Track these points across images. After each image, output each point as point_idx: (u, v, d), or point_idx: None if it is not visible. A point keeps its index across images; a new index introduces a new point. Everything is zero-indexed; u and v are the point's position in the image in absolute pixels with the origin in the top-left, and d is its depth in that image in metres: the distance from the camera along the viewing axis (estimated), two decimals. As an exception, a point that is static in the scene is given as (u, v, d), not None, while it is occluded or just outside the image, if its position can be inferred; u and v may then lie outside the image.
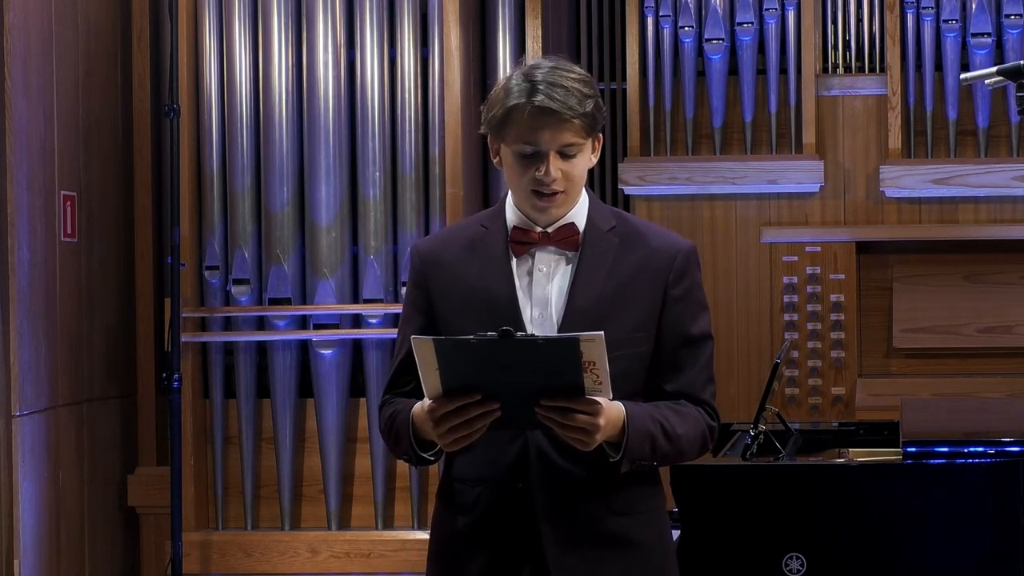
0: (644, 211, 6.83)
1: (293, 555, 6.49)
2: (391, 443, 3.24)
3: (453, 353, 2.95)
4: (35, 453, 5.98)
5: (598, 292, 3.16)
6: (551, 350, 2.93)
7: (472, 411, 2.99)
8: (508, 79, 3.14)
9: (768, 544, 4.20)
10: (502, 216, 3.23)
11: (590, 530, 3.15)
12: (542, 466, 3.14)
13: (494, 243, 3.20)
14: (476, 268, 3.19)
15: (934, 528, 4.18)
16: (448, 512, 3.24)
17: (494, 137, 3.17)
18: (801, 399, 6.74)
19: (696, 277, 3.23)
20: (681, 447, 3.17)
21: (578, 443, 3.02)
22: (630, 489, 3.17)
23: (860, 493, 4.21)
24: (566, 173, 3.12)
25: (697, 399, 3.21)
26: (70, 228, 6.28)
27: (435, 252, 3.25)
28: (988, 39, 6.65)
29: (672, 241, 3.24)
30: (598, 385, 2.97)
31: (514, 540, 3.15)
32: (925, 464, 4.26)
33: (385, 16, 6.51)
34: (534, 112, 3.08)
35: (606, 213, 3.24)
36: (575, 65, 3.18)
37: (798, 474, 4.28)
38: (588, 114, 3.11)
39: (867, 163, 6.82)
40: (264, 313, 6.50)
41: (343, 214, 6.49)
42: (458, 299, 3.19)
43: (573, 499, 3.14)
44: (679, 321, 3.20)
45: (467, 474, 3.20)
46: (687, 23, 6.78)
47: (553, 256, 3.19)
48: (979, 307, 6.68)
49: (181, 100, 6.34)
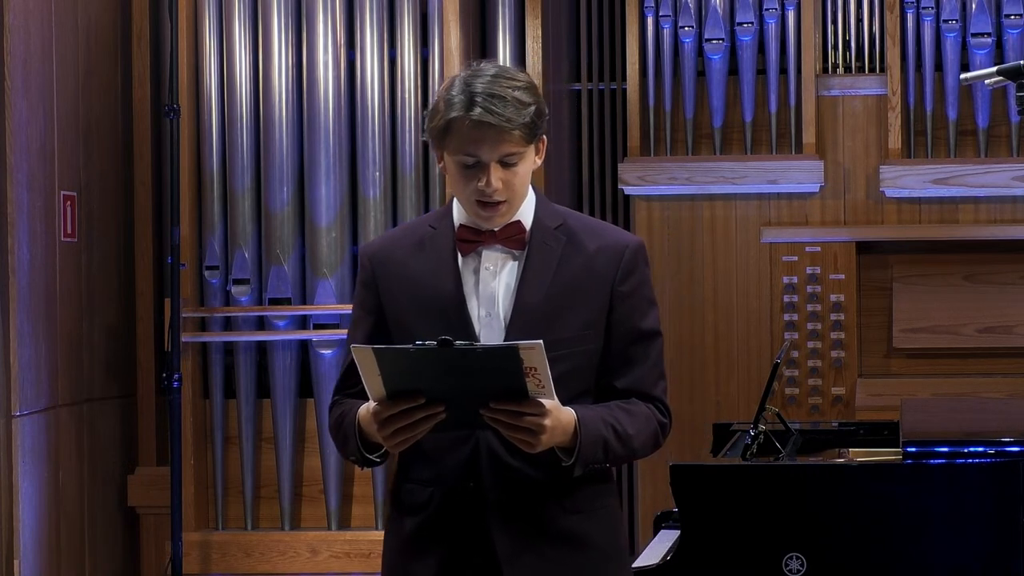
0: (644, 211, 6.83)
1: (293, 555, 6.49)
2: (339, 444, 3.25)
3: (393, 361, 2.96)
4: (35, 453, 5.98)
5: (546, 290, 3.17)
6: (490, 359, 2.94)
7: (416, 414, 3.00)
8: (449, 88, 3.14)
9: (768, 544, 4.20)
10: (450, 216, 3.24)
11: (542, 528, 3.16)
12: (493, 465, 3.15)
13: (442, 242, 3.21)
14: (425, 267, 3.20)
15: (934, 528, 4.18)
16: (400, 514, 3.25)
17: (436, 145, 3.17)
18: (801, 399, 6.75)
19: (645, 273, 3.24)
20: (634, 447, 3.18)
21: (524, 445, 3.03)
22: (582, 487, 3.18)
23: (860, 493, 4.21)
24: (507, 182, 3.13)
25: (648, 396, 3.22)
26: (70, 228, 6.28)
27: (384, 252, 3.25)
28: (988, 39, 6.65)
29: (619, 238, 3.25)
30: (540, 389, 2.98)
31: (466, 539, 3.16)
32: (925, 464, 4.26)
33: (385, 16, 6.51)
34: (473, 125, 3.09)
35: (553, 211, 3.25)
36: (519, 72, 3.18)
37: (798, 474, 4.29)
38: (528, 124, 3.11)
39: (867, 163, 6.82)
40: (264, 313, 6.50)
41: (343, 214, 6.49)
42: (407, 298, 3.20)
43: (524, 498, 3.15)
44: (628, 318, 3.21)
45: (419, 475, 3.21)
46: (687, 23, 6.78)
47: (500, 254, 3.20)
48: (979, 307, 6.68)
49: (181, 100, 6.34)
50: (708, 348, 6.79)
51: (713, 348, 6.80)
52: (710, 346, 6.79)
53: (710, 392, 6.78)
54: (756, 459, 4.46)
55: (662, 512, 5.04)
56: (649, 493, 6.71)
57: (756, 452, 4.52)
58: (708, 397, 6.76)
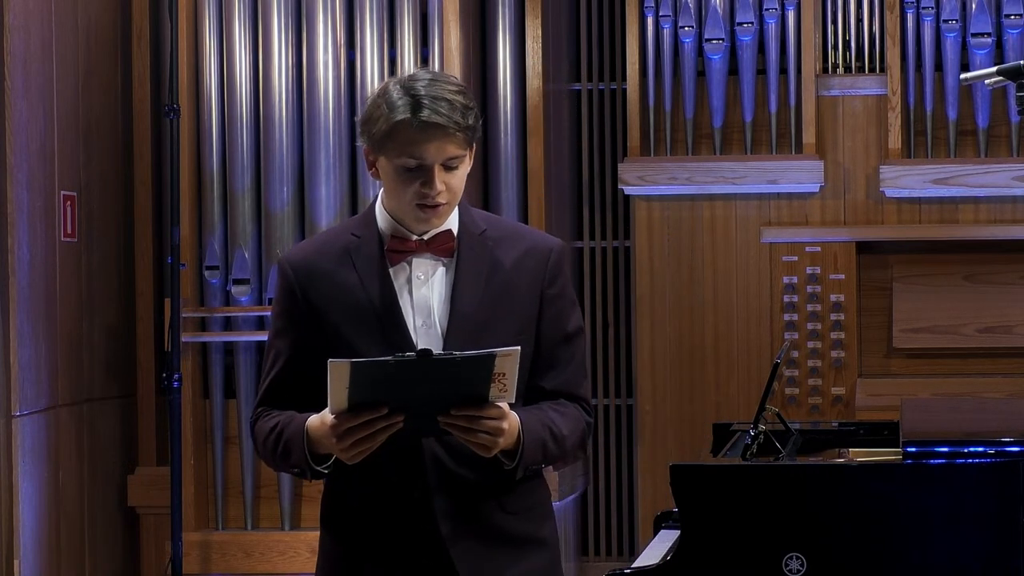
0: (644, 211, 6.83)
1: (293, 555, 6.49)
2: (275, 457, 3.21)
3: (368, 375, 2.94)
4: (35, 453, 5.98)
5: (479, 297, 3.18)
6: (468, 366, 2.95)
7: (376, 424, 3.00)
8: (386, 92, 3.13)
9: (768, 544, 4.20)
10: (374, 225, 3.22)
11: (489, 530, 3.19)
12: (438, 472, 3.15)
13: (369, 252, 3.19)
14: (354, 278, 3.18)
15: (934, 528, 4.18)
16: (343, 531, 3.26)
17: (373, 150, 3.16)
18: (801, 399, 6.75)
19: (567, 274, 3.29)
20: (567, 448, 3.22)
21: (481, 449, 3.05)
22: (517, 488, 3.21)
23: (860, 493, 4.21)
24: (449, 185, 3.14)
25: (574, 396, 3.26)
26: (70, 228, 6.28)
27: (309, 262, 3.22)
28: (988, 39, 6.65)
29: (544, 240, 3.27)
30: (503, 393, 3.00)
31: (417, 548, 3.17)
32: (925, 464, 4.26)
33: (385, 16, 6.51)
34: (420, 127, 3.08)
35: (476, 216, 3.26)
36: (451, 76, 3.20)
37: (798, 474, 4.28)
38: (470, 126, 3.13)
39: (867, 163, 6.82)
40: (264, 313, 6.50)
41: (343, 214, 6.48)
42: (341, 309, 3.17)
43: (469, 502, 3.17)
44: (557, 319, 3.24)
45: (359, 489, 3.21)
46: (687, 23, 6.78)
47: (430, 262, 3.19)
48: (979, 307, 6.68)
49: (181, 100, 6.34)
50: (708, 348, 6.79)
51: (713, 348, 6.80)
52: (710, 346, 6.79)
53: (710, 392, 6.78)
54: (756, 459, 4.46)
55: (662, 512, 5.04)
56: (649, 493, 6.70)
57: (756, 452, 4.52)
58: (708, 397, 6.76)
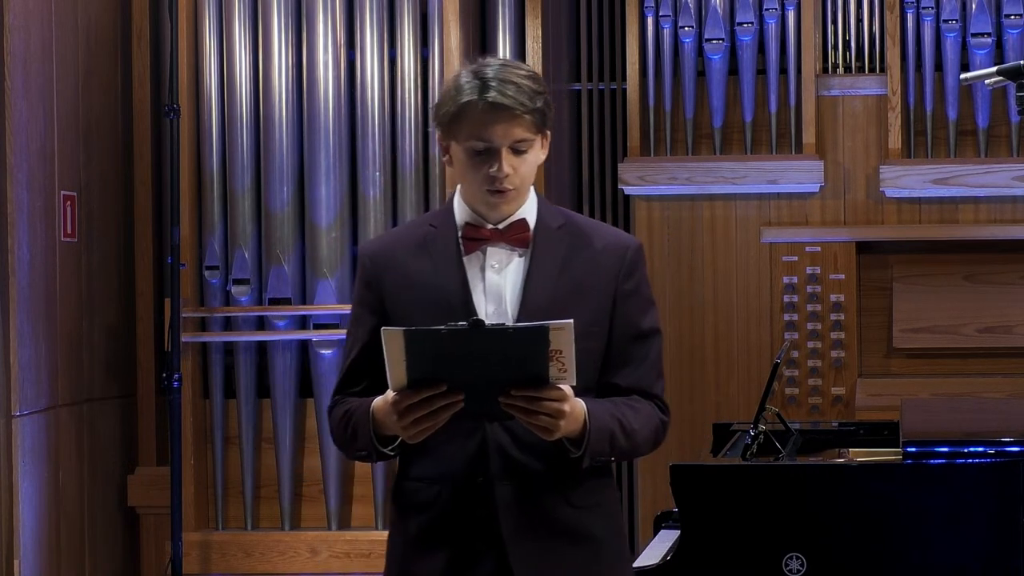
0: (644, 211, 6.83)
1: (293, 555, 6.49)
2: (345, 441, 3.24)
3: (422, 344, 2.96)
4: (35, 453, 5.98)
5: (552, 288, 3.19)
6: (521, 339, 2.95)
7: (436, 402, 3.01)
8: (457, 77, 3.18)
9: (768, 544, 4.20)
10: (451, 214, 3.26)
11: (550, 523, 3.18)
12: (501, 460, 3.16)
13: (445, 241, 3.23)
14: (428, 266, 3.22)
15: (934, 528, 4.19)
16: (406, 512, 3.25)
17: (444, 135, 3.20)
18: (801, 399, 6.75)
19: (644, 273, 3.29)
20: (637, 442, 3.22)
21: (542, 431, 3.05)
22: (585, 482, 3.21)
23: (860, 493, 4.21)
24: (517, 169, 3.16)
25: (649, 394, 3.26)
26: (70, 228, 6.28)
27: (386, 252, 3.27)
28: (988, 39, 6.65)
29: (621, 238, 3.29)
30: (563, 373, 2.99)
31: (474, 534, 3.17)
32: (925, 464, 4.26)
33: (385, 16, 6.51)
34: (486, 108, 3.12)
35: (554, 211, 3.28)
36: (523, 64, 3.23)
37: (798, 474, 4.29)
38: (539, 110, 3.15)
39: (867, 163, 6.82)
40: (264, 313, 6.50)
41: (343, 214, 6.49)
42: (412, 298, 3.20)
43: (532, 492, 3.17)
44: (631, 317, 3.24)
45: (424, 473, 3.22)
46: (687, 23, 6.78)
47: (505, 252, 3.22)
48: (979, 307, 6.68)
49: (181, 100, 6.34)
50: (708, 348, 6.79)
51: (713, 348, 6.80)
52: (710, 346, 6.79)
53: (710, 392, 6.78)
54: (756, 459, 4.46)
55: (662, 512, 5.04)
56: (649, 493, 6.71)
57: (756, 452, 4.52)
58: (708, 397, 6.76)
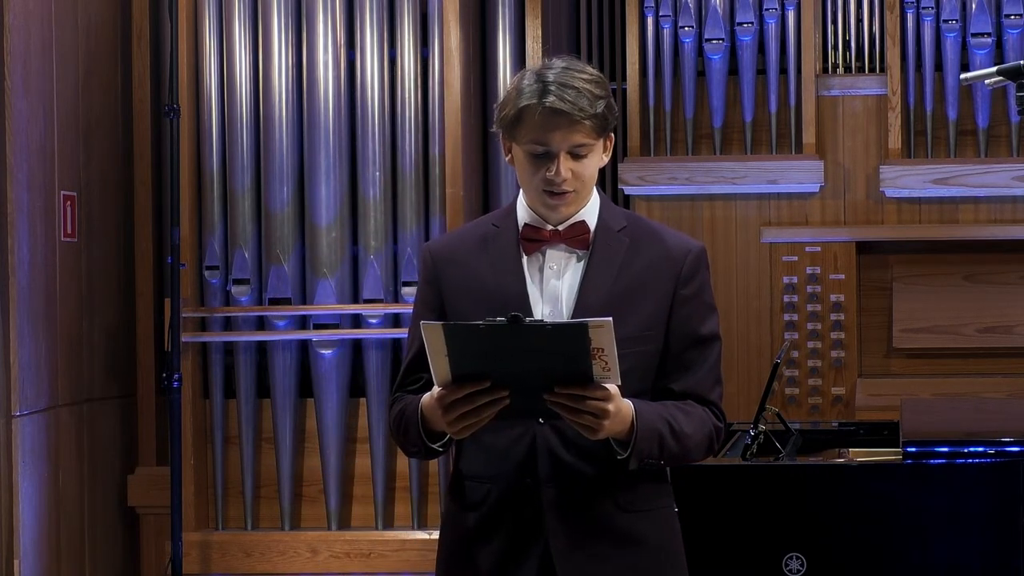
0: (644, 211, 6.83)
1: (293, 555, 6.49)
2: (400, 438, 3.26)
3: (462, 339, 2.97)
4: (35, 453, 5.98)
5: (608, 290, 3.18)
6: (560, 335, 2.95)
7: (481, 398, 3.01)
8: (520, 78, 3.18)
9: (768, 544, 4.20)
10: (514, 215, 3.26)
11: (597, 526, 3.17)
12: (550, 462, 3.16)
13: (505, 241, 3.23)
14: (487, 265, 3.22)
15: (934, 528, 4.18)
16: (458, 509, 3.26)
17: (506, 136, 3.20)
18: (801, 399, 6.74)
19: (705, 278, 3.26)
20: (688, 447, 3.19)
21: (587, 431, 3.04)
22: (638, 487, 3.19)
23: (860, 493, 4.21)
24: (576, 173, 3.15)
25: (704, 399, 3.23)
26: (70, 228, 6.28)
27: (448, 250, 3.28)
28: (988, 39, 6.65)
29: (683, 242, 3.27)
30: (607, 372, 2.99)
31: (522, 535, 3.17)
32: (925, 464, 4.26)
33: (385, 16, 6.51)
34: (545, 113, 3.11)
35: (617, 213, 3.27)
36: (587, 65, 3.21)
37: (798, 474, 4.29)
38: (599, 115, 3.14)
39: (867, 163, 6.82)
40: (264, 313, 6.50)
41: (343, 214, 6.48)
42: (470, 296, 3.21)
43: (581, 495, 3.16)
44: (688, 321, 3.22)
45: (476, 471, 3.23)
46: (687, 23, 6.78)
47: (564, 254, 3.22)
48: (979, 307, 6.68)
49: (181, 100, 6.34)
50: (708, 348, 6.78)
51: (713, 348, 6.79)
52: (710, 346, 6.78)
53: (710, 392, 6.77)
54: (756, 459, 4.46)
55: (662, 512, 5.03)
56: (649, 493, 6.70)
57: (756, 452, 4.52)
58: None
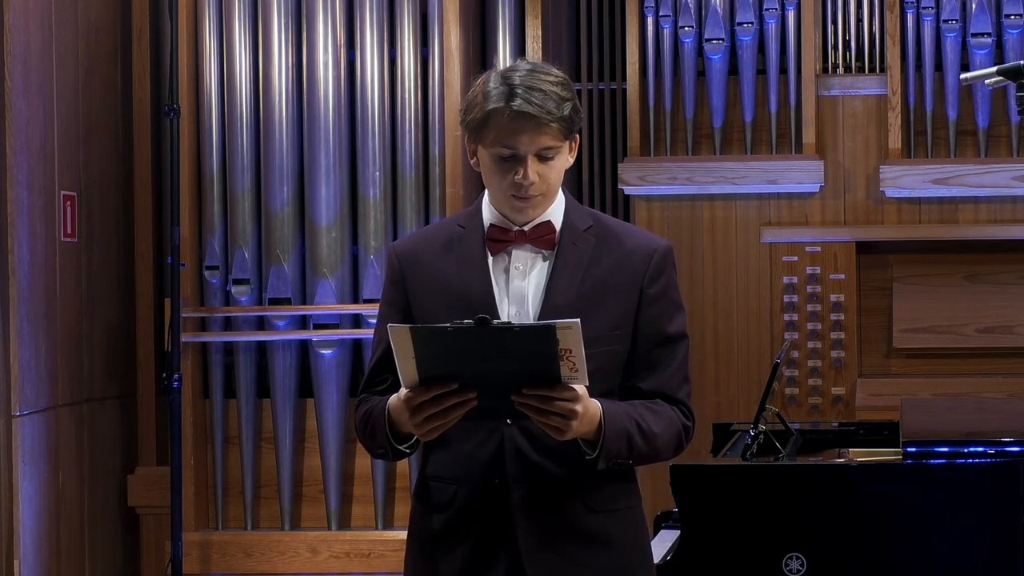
0: (644, 211, 6.83)
1: (293, 555, 6.49)
2: (367, 439, 3.25)
3: (429, 341, 2.97)
4: (35, 453, 5.98)
5: (575, 290, 3.18)
6: (527, 337, 2.94)
7: (448, 400, 3.01)
8: (485, 82, 3.17)
9: (768, 544, 4.20)
10: (479, 216, 3.25)
11: (565, 526, 3.17)
12: (518, 462, 3.16)
13: (471, 241, 3.23)
14: (453, 266, 3.22)
15: (934, 528, 4.18)
16: (425, 511, 3.27)
17: (471, 139, 3.20)
18: (801, 399, 6.74)
19: (672, 276, 3.26)
20: (657, 446, 3.19)
21: (555, 431, 3.03)
22: (606, 487, 3.19)
23: (860, 493, 4.21)
24: (543, 175, 3.15)
25: (672, 398, 3.23)
26: (70, 228, 6.29)
27: (413, 250, 3.28)
28: (988, 39, 6.65)
29: (649, 241, 3.27)
30: (574, 372, 2.98)
31: (490, 536, 3.17)
32: (925, 464, 4.26)
33: (385, 16, 6.51)
34: (512, 116, 3.11)
35: (583, 213, 3.27)
36: (552, 67, 3.20)
37: (798, 474, 4.29)
38: (566, 117, 3.14)
39: (867, 163, 6.82)
40: (264, 313, 6.50)
41: (343, 214, 6.49)
42: (435, 296, 3.21)
43: (549, 495, 3.16)
44: (655, 320, 3.22)
45: (443, 472, 3.23)
46: (687, 23, 6.78)
47: (529, 254, 3.22)
48: (979, 307, 6.68)
49: (181, 100, 6.35)
50: (708, 348, 6.79)
51: (713, 348, 6.80)
52: (710, 346, 6.79)
53: (710, 392, 6.78)
54: (756, 459, 4.46)
55: (662, 512, 5.04)
56: (649, 493, 6.66)
57: (756, 452, 4.52)
58: (708, 397, 6.76)
